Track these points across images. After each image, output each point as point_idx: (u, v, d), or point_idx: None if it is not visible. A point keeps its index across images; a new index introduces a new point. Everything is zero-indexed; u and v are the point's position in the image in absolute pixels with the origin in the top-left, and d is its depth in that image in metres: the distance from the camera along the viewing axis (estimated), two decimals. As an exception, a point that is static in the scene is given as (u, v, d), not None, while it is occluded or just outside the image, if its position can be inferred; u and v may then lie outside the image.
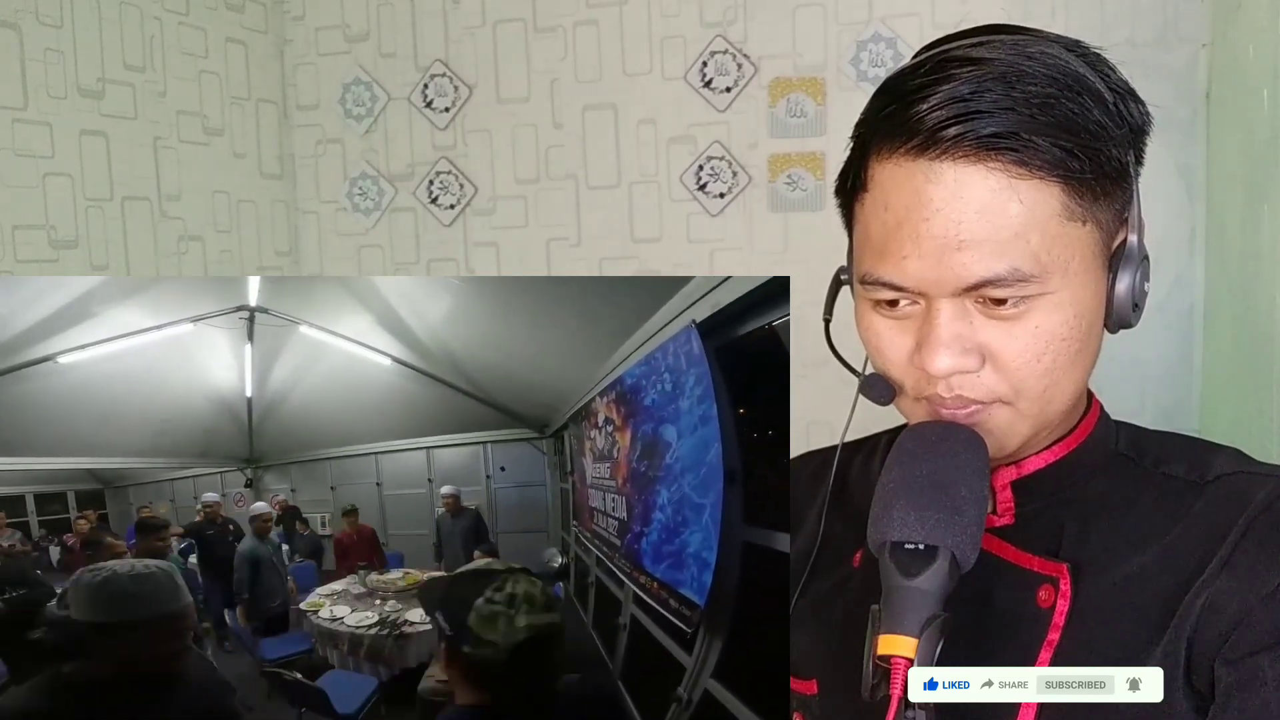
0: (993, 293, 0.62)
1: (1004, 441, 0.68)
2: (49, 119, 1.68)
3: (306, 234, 2.26)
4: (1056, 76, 0.61)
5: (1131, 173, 0.66)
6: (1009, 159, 0.60)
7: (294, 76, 2.23)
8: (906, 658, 0.57)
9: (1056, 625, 0.67)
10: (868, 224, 0.67)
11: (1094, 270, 0.65)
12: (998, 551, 0.71)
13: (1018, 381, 0.65)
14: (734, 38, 1.93)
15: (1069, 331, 0.64)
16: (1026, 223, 0.61)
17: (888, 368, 0.69)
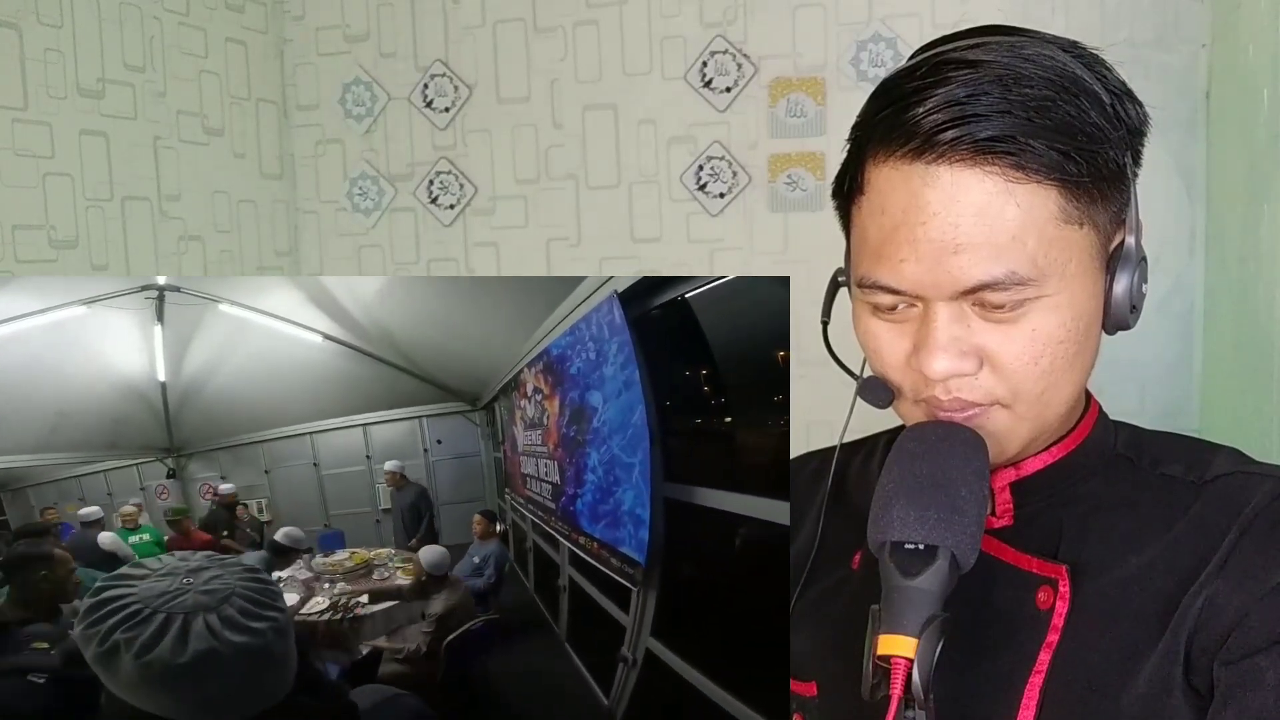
0: (990, 296, 0.62)
1: (1003, 445, 0.68)
2: (49, 119, 1.68)
3: (306, 234, 2.26)
4: (1053, 79, 0.61)
5: (1129, 174, 0.66)
6: (1006, 162, 0.60)
7: (294, 76, 2.23)
8: (906, 658, 0.57)
9: (1055, 626, 0.67)
10: (865, 227, 0.67)
11: (1091, 272, 0.65)
12: (996, 553, 0.71)
13: (1015, 384, 0.65)
14: (734, 38, 1.93)
15: (1066, 334, 0.64)
16: (1024, 226, 0.61)
17: (885, 370, 0.69)
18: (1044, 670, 0.66)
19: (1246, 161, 1.38)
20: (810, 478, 0.88)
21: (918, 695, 0.57)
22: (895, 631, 0.58)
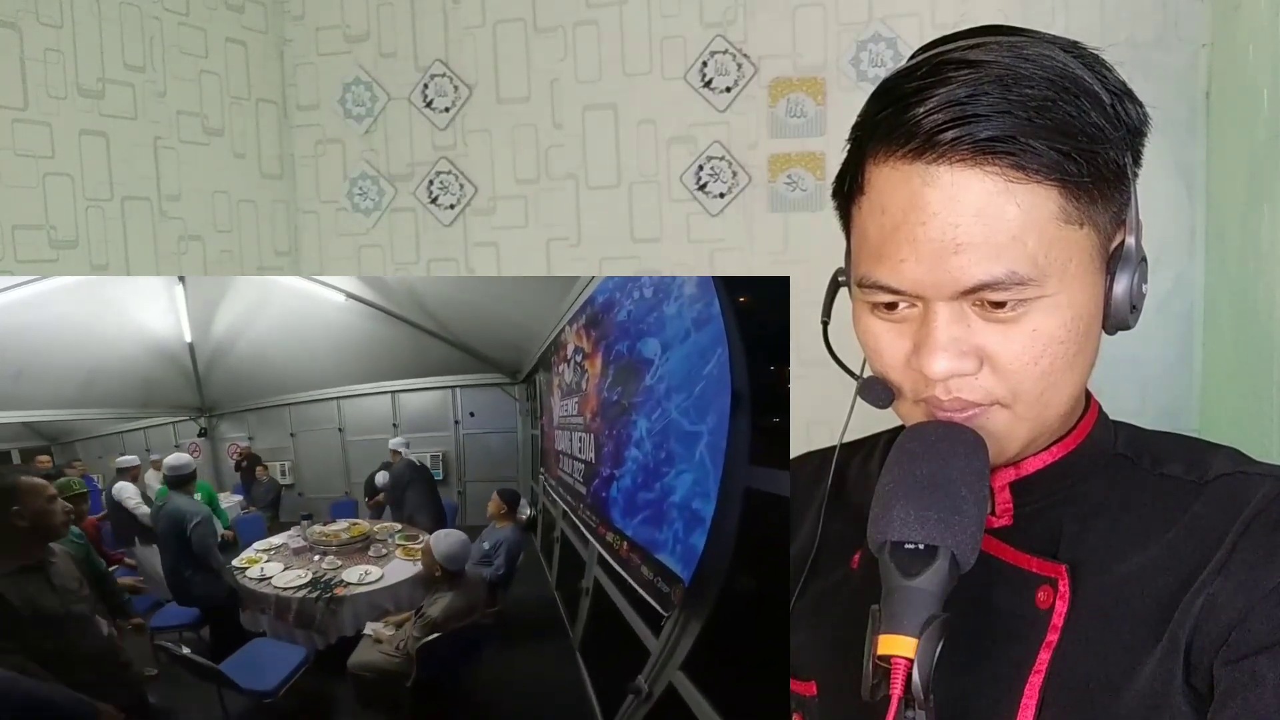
0: (990, 296, 0.62)
1: (1003, 445, 0.68)
2: (49, 119, 1.68)
3: (306, 234, 2.26)
4: (1054, 79, 0.61)
5: (1129, 174, 0.66)
6: (1006, 162, 0.60)
7: (294, 76, 2.23)
8: (906, 658, 0.57)
9: (1055, 626, 0.67)
10: (865, 227, 0.67)
11: (1091, 272, 0.65)
12: (996, 552, 0.71)
13: (1016, 384, 0.65)
14: (734, 38, 1.93)
15: (1067, 334, 0.64)
16: (1024, 226, 0.61)
17: (885, 370, 0.69)
18: (1044, 669, 0.66)
19: (1246, 161, 1.38)
20: (810, 477, 0.88)
21: (917, 695, 0.57)
22: (895, 631, 0.58)
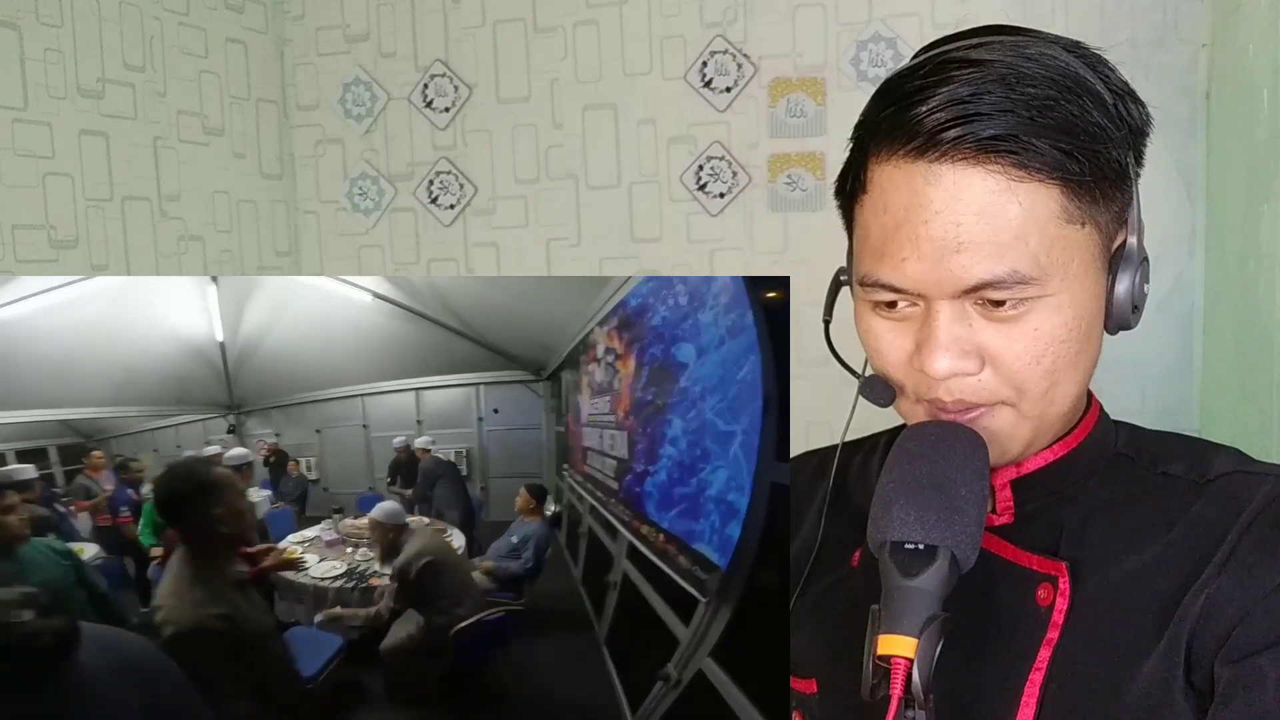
0: (992, 295, 0.62)
1: (1006, 445, 0.68)
2: (49, 119, 1.68)
3: (306, 234, 2.26)
4: (1056, 78, 0.61)
5: (1131, 174, 0.66)
6: (1008, 161, 0.60)
7: (294, 76, 2.23)
8: (906, 658, 0.57)
9: (1055, 624, 0.67)
10: (867, 225, 0.67)
11: (1093, 272, 0.65)
12: (997, 550, 0.71)
13: (1019, 383, 0.65)
14: (734, 38, 1.93)
15: (1068, 333, 0.64)
16: (1026, 225, 0.61)
17: (887, 369, 0.69)
18: (1044, 667, 0.66)
19: (1246, 161, 1.38)
20: (810, 476, 0.88)
21: (917, 695, 0.57)
22: (895, 631, 0.58)
